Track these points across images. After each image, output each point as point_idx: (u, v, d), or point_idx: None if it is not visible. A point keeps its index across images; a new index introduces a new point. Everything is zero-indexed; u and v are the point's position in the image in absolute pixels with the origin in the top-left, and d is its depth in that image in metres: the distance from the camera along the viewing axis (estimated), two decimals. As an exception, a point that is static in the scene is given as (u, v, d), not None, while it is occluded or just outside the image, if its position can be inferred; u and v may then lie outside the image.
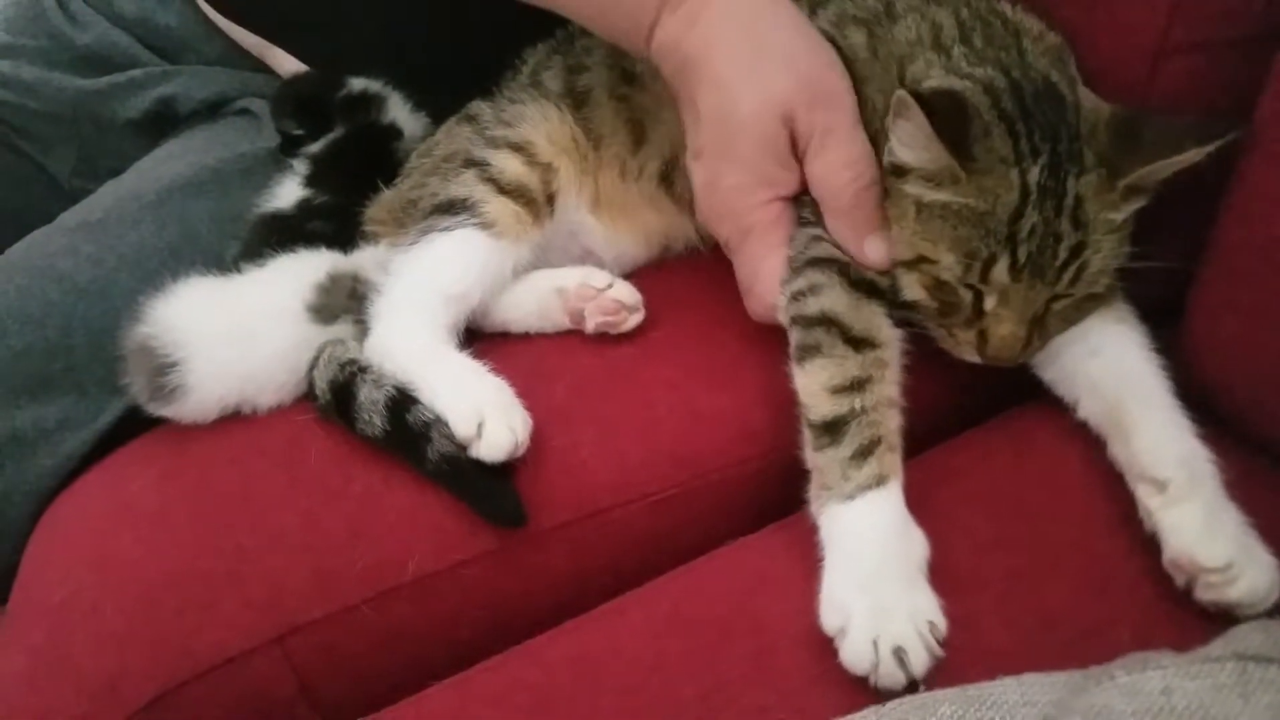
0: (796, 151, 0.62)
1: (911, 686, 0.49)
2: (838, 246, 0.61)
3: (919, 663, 0.50)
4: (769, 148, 0.61)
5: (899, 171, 0.59)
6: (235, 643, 0.60)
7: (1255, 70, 0.57)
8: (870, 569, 0.53)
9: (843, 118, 0.61)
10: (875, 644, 0.50)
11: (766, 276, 0.63)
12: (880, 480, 0.55)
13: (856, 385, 0.57)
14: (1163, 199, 0.58)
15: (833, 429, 0.56)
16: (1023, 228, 0.55)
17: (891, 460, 0.56)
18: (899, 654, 0.50)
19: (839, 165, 0.61)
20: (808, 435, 0.58)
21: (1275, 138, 0.56)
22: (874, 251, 0.61)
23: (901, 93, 0.55)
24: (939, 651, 0.50)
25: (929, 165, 0.57)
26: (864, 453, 0.55)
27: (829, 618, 0.52)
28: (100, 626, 0.61)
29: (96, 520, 0.67)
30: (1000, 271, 0.56)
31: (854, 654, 0.50)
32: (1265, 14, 0.58)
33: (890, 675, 0.49)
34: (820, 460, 0.57)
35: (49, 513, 0.71)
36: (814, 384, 0.58)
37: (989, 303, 0.58)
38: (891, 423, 0.57)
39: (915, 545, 0.54)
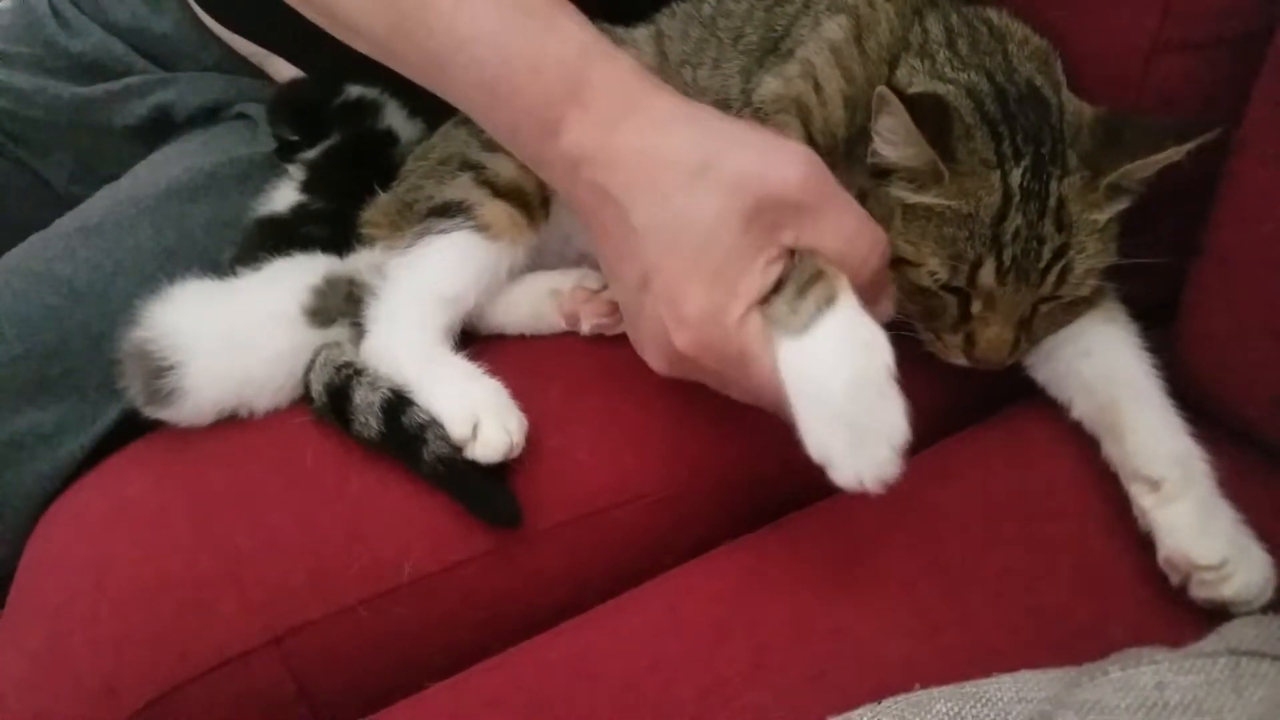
0: (775, 247, 0.53)
1: None
2: None
3: (896, 475, 0.50)
4: (744, 248, 0.52)
5: (883, 173, 0.59)
6: (233, 644, 0.60)
7: (1247, 68, 0.57)
8: (837, 403, 0.50)
9: (827, 191, 0.53)
10: (860, 479, 0.50)
11: None
12: (829, 300, 0.51)
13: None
14: (1154, 199, 0.58)
15: (775, 288, 0.53)
16: (1006, 230, 0.56)
17: (837, 281, 0.52)
18: (881, 480, 0.50)
19: (847, 238, 0.53)
20: None
21: (1267, 136, 0.56)
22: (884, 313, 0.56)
23: (882, 89, 0.55)
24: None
25: (911, 162, 0.57)
26: (808, 284, 0.52)
27: (812, 452, 0.51)
28: (98, 629, 0.61)
29: (94, 523, 0.68)
30: (987, 274, 0.56)
31: (843, 483, 0.51)
32: (1256, 12, 0.59)
33: (877, 490, 0.50)
34: (769, 312, 0.53)
35: (47, 516, 0.71)
36: None
37: (975, 306, 0.58)
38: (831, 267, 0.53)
39: (876, 354, 0.51)
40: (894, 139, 0.57)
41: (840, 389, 0.50)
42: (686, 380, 0.61)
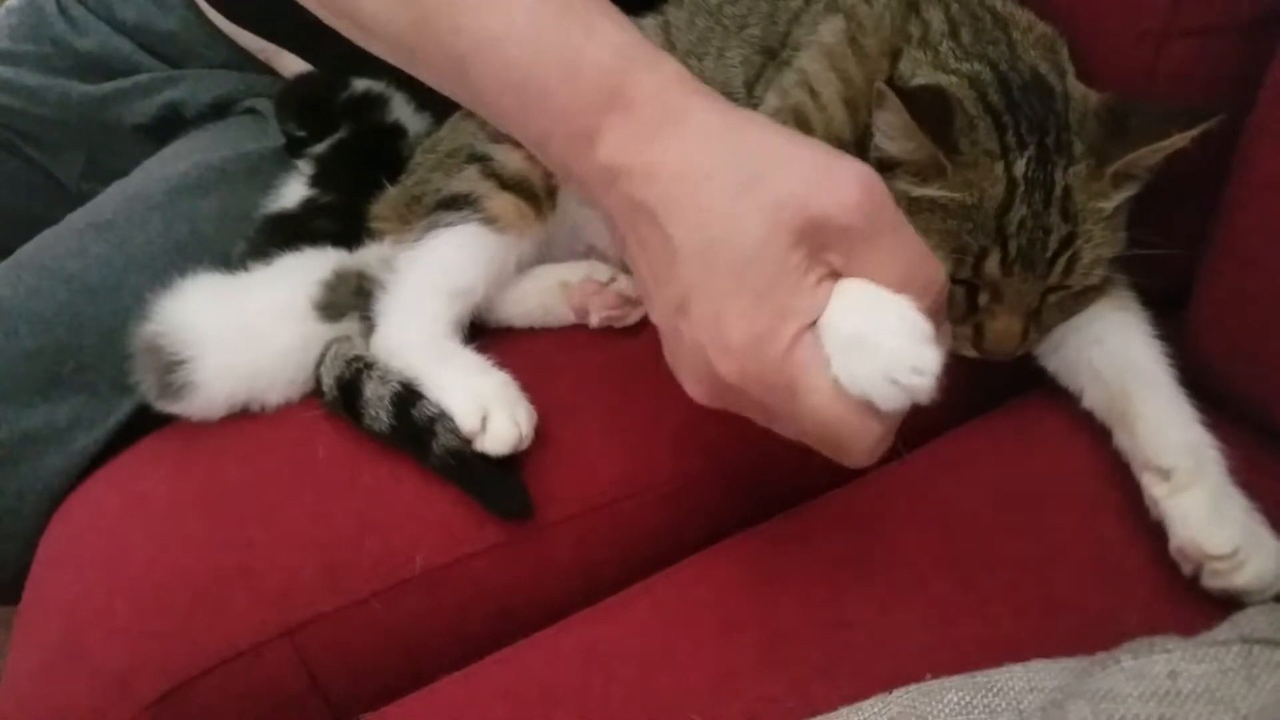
0: (823, 266, 0.48)
1: None
2: None
3: (936, 364, 0.46)
4: (790, 269, 0.47)
5: (886, 166, 0.58)
6: (245, 637, 0.60)
7: (1260, 53, 0.57)
8: (851, 327, 0.46)
9: (884, 218, 0.48)
10: (895, 379, 0.46)
11: (850, 419, 0.48)
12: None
13: None
14: (1165, 186, 0.58)
15: None
16: (1011, 221, 0.55)
17: None
18: (920, 371, 0.46)
19: (901, 274, 0.48)
20: None
21: (1279, 120, 0.56)
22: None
23: (880, 85, 0.55)
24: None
25: (913, 156, 0.57)
26: None
27: (853, 392, 0.46)
28: (112, 622, 0.61)
29: (108, 518, 0.68)
30: (992, 266, 0.56)
31: (886, 405, 0.47)
32: (1269, -3, 0.58)
33: (925, 386, 0.46)
34: None
35: (61, 511, 0.72)
36: None
37: (982, 298, 0.58)
38: None
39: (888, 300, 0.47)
40: (893, 134, 0.57)
41: (851, 317, 0.47)
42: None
